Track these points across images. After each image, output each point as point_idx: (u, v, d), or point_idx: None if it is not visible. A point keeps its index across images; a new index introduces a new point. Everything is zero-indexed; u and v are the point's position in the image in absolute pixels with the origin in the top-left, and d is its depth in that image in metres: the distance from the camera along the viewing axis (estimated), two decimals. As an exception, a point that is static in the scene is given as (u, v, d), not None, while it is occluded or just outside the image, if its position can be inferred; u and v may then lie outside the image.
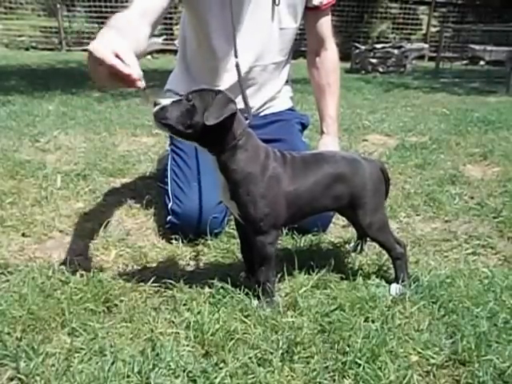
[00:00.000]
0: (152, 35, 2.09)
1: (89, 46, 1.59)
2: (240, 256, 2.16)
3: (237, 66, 2.30)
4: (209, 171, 2.32)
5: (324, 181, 1.86)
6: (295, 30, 2.61)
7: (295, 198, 1.82)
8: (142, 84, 1.59)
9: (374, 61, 11.27)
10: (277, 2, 2.42)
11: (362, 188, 1.90)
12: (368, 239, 2.26)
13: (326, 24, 2.65)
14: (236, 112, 1.68)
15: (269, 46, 2.54)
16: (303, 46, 3.00)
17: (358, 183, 1.90)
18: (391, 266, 2.10)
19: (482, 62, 13.45)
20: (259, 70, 2.57)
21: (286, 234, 2.40)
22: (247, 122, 1.85)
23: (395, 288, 1.94)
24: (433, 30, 16.07)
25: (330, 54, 2.71)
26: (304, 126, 2.88)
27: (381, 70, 11.20)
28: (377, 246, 2.34)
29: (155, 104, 1.69)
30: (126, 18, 1.94)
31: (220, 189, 1.83)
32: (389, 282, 1.99)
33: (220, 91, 1.72)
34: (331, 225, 2.59)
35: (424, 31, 16.47)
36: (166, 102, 1.69)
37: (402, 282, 1.96)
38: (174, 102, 1.70)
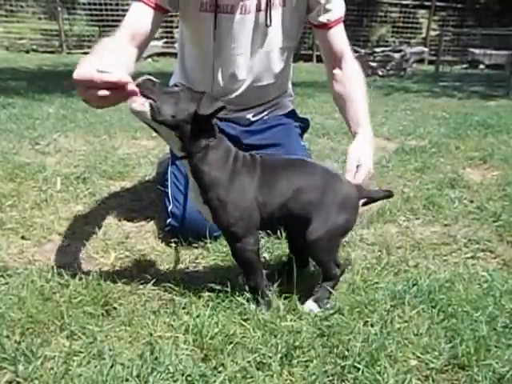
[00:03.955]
0: (140, 57, 2.16)
1: (73, 76, 1.60)
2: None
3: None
4: None
5: (292, 187, 1.78)
6: (294, 46, 2.59)
7: (265, 203, 1.77)
8: (132, 86, 1.55)
9: (373, 64, 11.29)
10: (268, 24, 2.35)
11: (328, 204, 1.80)
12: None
13: (339, 38, 2.45)
14: (225, 107, 1.69)
15: (267, 67, 2.53)
16: (303, 50, 2.97)
17: (327, 199, 1.80)
18: (391, 268, 2.10)
19: (481, 66, 13.48)
20: (257, 88, 2.57)
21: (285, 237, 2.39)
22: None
23: (311, 306, 1.83)
24: (432, 33, 16.11)
25: (350, 65, 2.46)
26: (304, 130, 2.87)
27: (380, 73, 11.21)
28: (376, 249, 2.36)
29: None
30: (113, 42, 2.00)
31: (193, 194, 1.82)
32: (389, 285, 1.99)
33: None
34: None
35: (424, 35, 16.52)
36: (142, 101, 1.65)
37: (321, 302, 1.84)
38: (162, 93, 1.67)
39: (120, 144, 4.38)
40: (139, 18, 2.12)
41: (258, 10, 2.32)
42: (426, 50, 15.10)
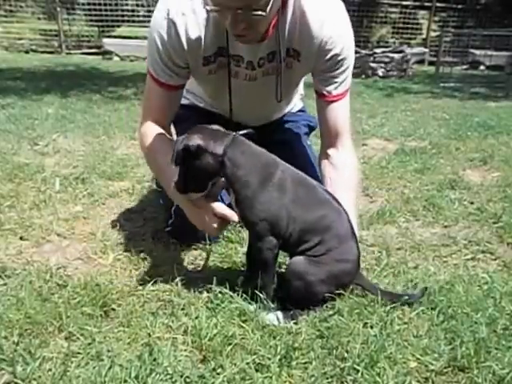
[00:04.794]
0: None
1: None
2: (238, 260, 2.17)
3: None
4: None
5: (322, 222, 1.82)
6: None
7: (293, 217, 1.79)
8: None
9: (374, 65, 11.28)
10: (279, 98, 2.25)
11: (334, 254, 1.81)
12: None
13: (338, 118, 2.24)
14: (187, 147, 1.74)
15: (273, 113, 2.56)
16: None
17: (336, 249, 1.82)
18: (390, 270, 2.10)
19: (482, 67, 13.47)
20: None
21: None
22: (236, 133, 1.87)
23: (273, 317, 1.79)
24: (433, 34, 16.09)
25: (347, 150, 2.28)
26: (312, 129, 2.86)
27: (381, 74, 11.21)
28: (376, 250, 2.35)
29: None
30: (156, 140, 2.15)
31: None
32: (388, 286, 1.98)
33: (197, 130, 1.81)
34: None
35: (424, 36, 16.49)
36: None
37: (290, 317, 1.80)
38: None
39: (119, 144, 4.38)
40: (163, 103, 2.19)
41: (265, 75, 2.22)
42: (427, 50, 15.10)
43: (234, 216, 1.84)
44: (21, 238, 2.44)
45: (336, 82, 2.17)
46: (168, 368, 1.49)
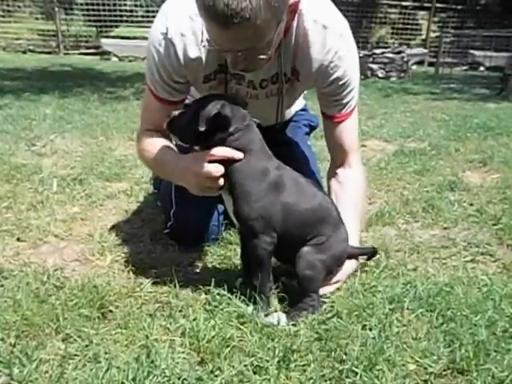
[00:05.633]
0: None
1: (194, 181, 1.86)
2: (237, 262, 2.15)
3: None
4: None
5: (316, 211, 1.87)
6: None
7: (290, 214, 1.81)
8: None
9: (373, 66, 11.28)
10: (279, 120, 2.30)
11: (332, 242, 1.89)
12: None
13: (345, 137, 2.22)
14: (219, 113, 1.69)
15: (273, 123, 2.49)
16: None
17: (333, 234, 1.89)
18: (389, 272, 2.09)
19: (481, 68, 13.48)
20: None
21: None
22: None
23: (283, 317, 1.79)
24: (432, 35, 16.11)
25: (351, 173, 2.26)
26: (313, 128, 2.85)
27: (380, 75, 11.21)
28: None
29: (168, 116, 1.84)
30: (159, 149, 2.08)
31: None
32: (387, 289, 1.97)
33: (217, 96, 1.77)
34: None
35: (423, 36, 16.52)
36: (174, 113, 1.82)
37: (291, 318, 1.79)
38: (180, 112, 1.81)
39: (117, 145, 4.38)
40: (163, 116, 2.04)
41: (268, 96, 2.20)
42: (426, 51, 15.12)
43: (235, 153, 1.76)
44: (18, 239, 2.43)
45: (341, 105, 2.15)
46: (166, 370, 1.48)
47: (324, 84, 2.08)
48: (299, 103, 2.76)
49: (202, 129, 1.67)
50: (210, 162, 1.76)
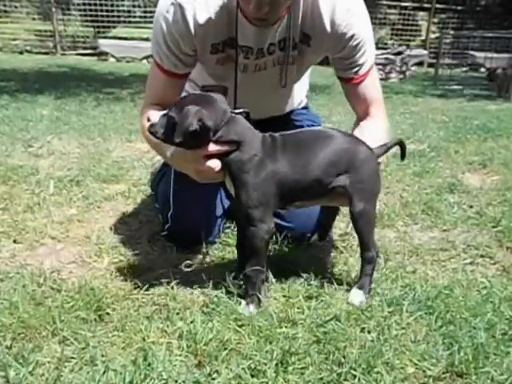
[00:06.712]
0: None
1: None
2: (235, 264, 2.14)
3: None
4: None
5: (320, 158, 1.87)
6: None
7: (285, 177, 1.83)
8: None
9: (373, 67, 11.27)
10: (283, 84, 2.26)
11: (361, 171, 1.90)
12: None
13: (368, 94, 2.26)
14: (205, 127, 1.71)
15: (278, 104, 2.53)
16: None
17: (358, 165, 1.90)
18: (388, 274, 2.08)
19: (482, 69, 13.47)
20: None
21: (282, 242, 2.37)
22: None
23: (358, 295, 1.91)
24: (432, 36, 16.11)
25: (374, 121, 2.28)
26: None
27: (380, 76, 11.20)
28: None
29: (148, 119, 1.81)
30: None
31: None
32: (386, 291, 1.96)
33: (198, 99, 1.77)
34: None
35: (423, 37, 16.52)
36: (154, 117, 1.79)
37: (364, 289, 1.93)
38: (161, 116, 1.79)
39: (114, 147, 4.37)
40: (166, 91, 2.14)
41: (276, 64, 2.22)
42: (426, 52, 15.12)
43: (227, 146, 1.79)
44: (14, 241, 2.42)
45: (359, 65, 2.17)
46: (163, 373, 1.47)
47: (338, 47, 2.10)
48: (302, 96, 2.77)
49: (178, 140, 1.71)
50: (207, 156, 1.78)
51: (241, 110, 1.86)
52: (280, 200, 1.86)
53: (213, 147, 1.77)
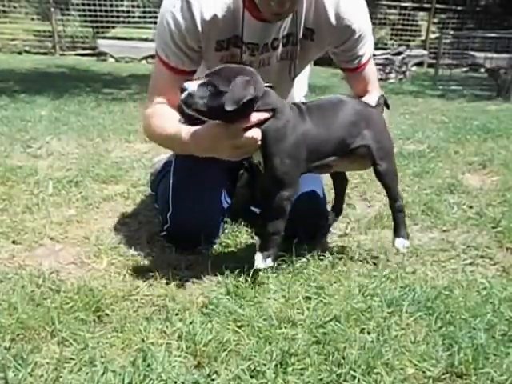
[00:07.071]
0: None
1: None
2: (235, 265, 2.14)
3: None
4: (211, 179, 2.30)
5: (341, 119, 1.99)
6: None
7: (314, 138, 1.93)
8: None
9: (372, 67, 11.27)
10: (293, 76, 2.31)
11: (377, 130, 2.05)
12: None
13: (367, 78, 2.37)
14: (255, 96, 1.77)
15: (290, 87, 2.52)
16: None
17: (373, 125, 2.05)
18: (388, 275, 2.08)
19: (482, 69, 13.47)
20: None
21: (283, 241, 2.36)
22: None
23: (401, 242, 2.19)
24: (432, 36, 16.10)
25: (375, 96, 2.31)
26: None
27: (379, 76, 11.20)
28: (374, 253, 2.33)
29: (182, 90, 1.77)
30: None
31: None
32: (386, 292, 1.96)
33: (240, 70, 1.80)
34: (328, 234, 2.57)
35: (423, 37, 16.51)
36: (192, 87, 1.76)
37: (404, 235, 2.21)
38: (199, 85, 1.77)
39: (113, 147, 4.36)
40: (172, 88, 2.10)
41: (278, 60, 2.24)
42: (426, 52, 15.12)
43: (265, 114, 1.83)
44: (13, 242, 2.42)
45: (361, 56, 2.27)
46: (162, 374, 1.47)
47: (342, 39, 2.16)
48: (300, 97, 2.77)
49: (230, 109, 1.71)
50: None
51: (268, 84, 1.89)
52: (308, 163, 1.96)
53: (256, 115, 1.80)
